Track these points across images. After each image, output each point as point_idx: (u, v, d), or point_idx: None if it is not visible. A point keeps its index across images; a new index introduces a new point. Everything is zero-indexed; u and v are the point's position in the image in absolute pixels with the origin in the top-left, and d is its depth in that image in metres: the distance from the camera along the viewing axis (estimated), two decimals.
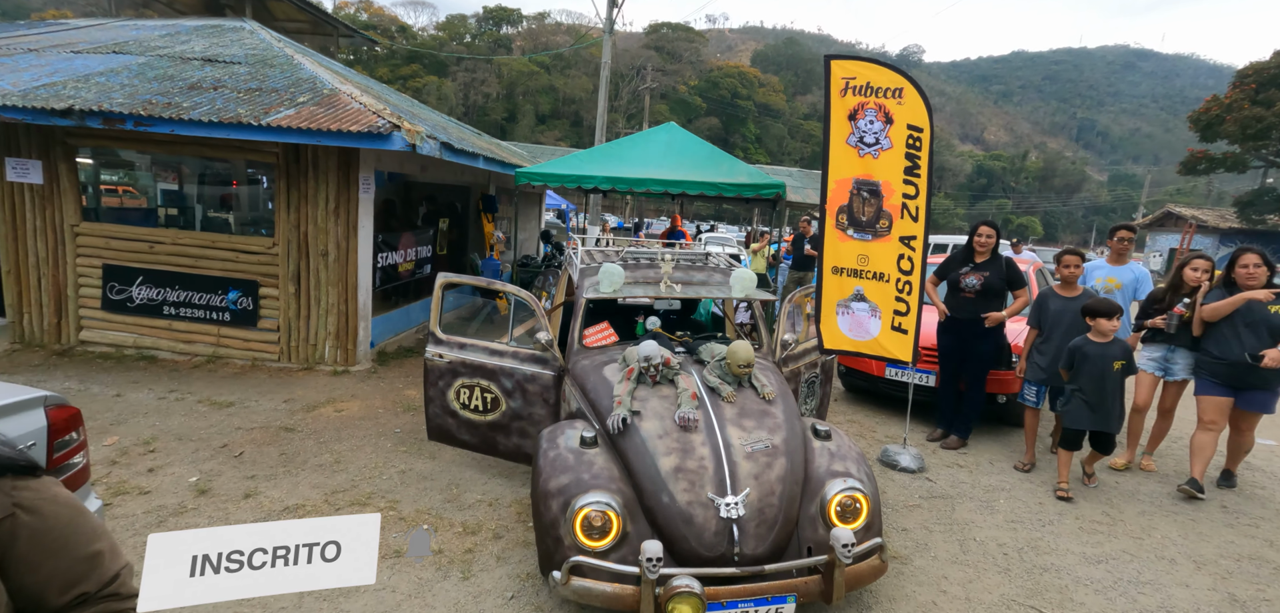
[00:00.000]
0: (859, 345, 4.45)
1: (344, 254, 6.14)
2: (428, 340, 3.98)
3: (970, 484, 4.32)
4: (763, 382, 3.22)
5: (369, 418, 5.10)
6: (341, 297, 6.25)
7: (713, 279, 4.02)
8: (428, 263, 8.08)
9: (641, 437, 2.87)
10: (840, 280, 4.43)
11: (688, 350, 3.57)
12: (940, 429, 5.15)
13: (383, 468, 4.20)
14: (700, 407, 3.00)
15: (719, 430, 2.89)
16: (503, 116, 58.83)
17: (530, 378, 3.77)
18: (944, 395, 5.08)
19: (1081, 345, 4.09)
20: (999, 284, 4.73)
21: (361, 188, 6.02)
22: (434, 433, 4.08)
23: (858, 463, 2.99)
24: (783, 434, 2.94)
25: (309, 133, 5.24)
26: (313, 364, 6.37)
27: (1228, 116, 21.48)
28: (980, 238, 4.83)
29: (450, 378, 3.93)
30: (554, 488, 2.76)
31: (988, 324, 4.67)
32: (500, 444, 3.94)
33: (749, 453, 2.81)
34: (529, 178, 7.22)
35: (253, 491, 3.79)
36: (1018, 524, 3.77)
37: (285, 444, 4.49)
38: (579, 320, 3.78)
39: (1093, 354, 4.04)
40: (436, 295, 3.97)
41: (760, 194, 7.00)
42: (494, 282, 3.92)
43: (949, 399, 5.04)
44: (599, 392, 3.23)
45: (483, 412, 3.91)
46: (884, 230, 4.32)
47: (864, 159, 4.22)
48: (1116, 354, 4.02)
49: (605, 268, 3.65)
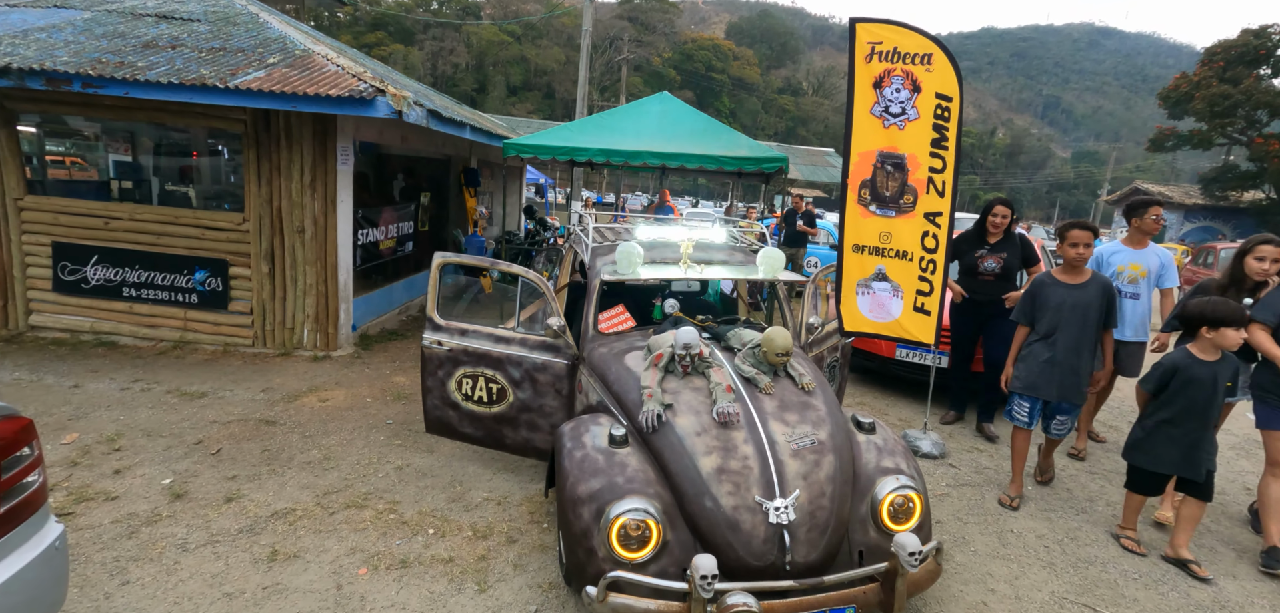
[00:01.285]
0: (880, 327, 4.26)
1: (322, 231, 5.71)
2: (425, 326, 3.66)
3: (994, 471, 4.19)
4: (800, 371, 2.99)
5: (357, 408, 4.75)
6: (320, 277, 5.82)
7: (735, 259, 3.76)
8: (409, 240, 7.65)
9: (678, 434, 2.61)
10: (861, 259, 4.21)
11: (714, 336, 3.32)
12: (953, 412, 5.01)
13: (377, 464, 3.88)
14: (737, 400, 2.76)
15: (761, 426, 2.65)
16: (473, 87, 57.24)
17: (541, 367, 3.48)
18: (957, 378, 4.94)
19: (1184, 364, 3.09)
20: (1017, 265, 4.60)
21: (340, 159, 5.58)
22: (433, 426, 3.78)
23: (907, 458, 2.80)
24: (828, 428, 2.72)
25: (284, 97, 4.78)
26: (290, 349, 5.95)
27: (1196, 94, 21.92)
28: (995, 218, 4.61)
29: (451, 367, 3.62)
30: (584, 494, 2.50)
31: (1009, 305, 4.44)
32: (507, 438, 3.65)
33: (795, 450, 2.58)
34: (518, 150, 6.84)
35: (235, 493, 3.44)
36: (1052, 514, 3.64)
37: (267, 439, 4.13)
38: (594, 304, 3.49)
39: (1201, 377, 3.04)
40: (433, 277, 3.64)
41: (763, 168, 6.75)
42: (497, 262, 3.60)
43: (962, 382, 4.92)
44: (624, 383, 2.96)
45: (487, 403, 3.61)
46: (908, 206, 4.10)
47: (889, 130, 3.99)
48: (1227, 374, 3.09)
49: (623, 247, 3.36)
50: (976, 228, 4.72)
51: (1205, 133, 22.60)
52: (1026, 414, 3.70)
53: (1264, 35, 21.10)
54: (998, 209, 4.63)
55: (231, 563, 2.86)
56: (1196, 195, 24.69)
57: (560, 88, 62.57)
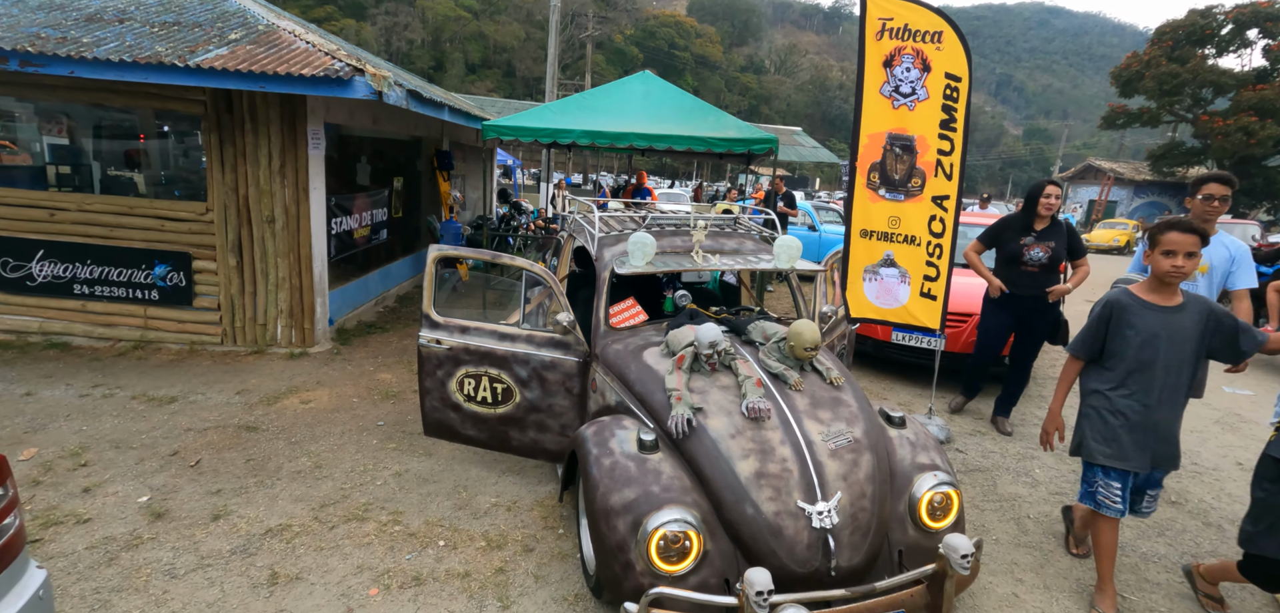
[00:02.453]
0: (887, 313, 4.21)
1: (294, 220, 5.36)
2: (421, 324, 3.44)
3: (1000, 454, 4.22)
4: (826, 365, 2.90)
5: (343, 409, 4.49)
6: (293, 269, 5.49)
7: (746, 247, 3.64)
8: (383, 228, 7.30)
9: (712, 437, 2.49)
10: (869, 244, 4.14)
11: (735, 330, 3.20)
12: (962, 398, 4.87)
13: (374, 471, 3.66)
14: (767, 396, 2.65)
15: (796, 425, 2.55)
16: (429, 65, 55.49)
17: (549, 365, 3.31)
18: (977, 369, 4.70)
19: None
20: (1063, 254, 4.16)
21: (310, 143, 5.23)
22: (432, 428, 3.58)
23: (940, 453, 2.74)
24: (862, 425, 2.64)
25: (251, 77, 4.42)
26: (263, 347, 5.61)
27: (1146, 72, 22.70)
28: (1048, 199, 4.12)
29: (451, 367, 3.42)
30: (618, 504, 2.36)
31: (1052, 299, 4.23)
32: (514, 440, 3.48)
33: (833, 450, 2.50)
34: (499, 132, 6.56)
35: (222, 509, 3.19)
36: (1065, 497, 3.67)
37: (250, 447, 3.86)
38: (604, 298, 3.33)
39: None
40: (429, 271, 3.42)
41: (752, 149, 6.63)
42: (500, 254, 3.40)
43: (981, 373, 4.70)
44: (646, 383, 2.82)
45: (492, 404, 3.43)
46: (916, 190, 4.04)
47: (898, 111, 3.90)
48: None
49: (635, 238, 3.20)
50: (1024, 212, 4.25)
51: (1154, 111, 23.48)
52: (1120, 498, 2.62)
53: (1209, 16, 21.94)
54: (1050, 189, 4.14)
55: (228, 590, 2.63)
56: (1145, 172, 25.70)
57: (521, 65, 61.21)
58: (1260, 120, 20.25)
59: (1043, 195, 4.17)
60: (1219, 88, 22.14)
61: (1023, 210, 4.30)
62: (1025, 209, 4.29)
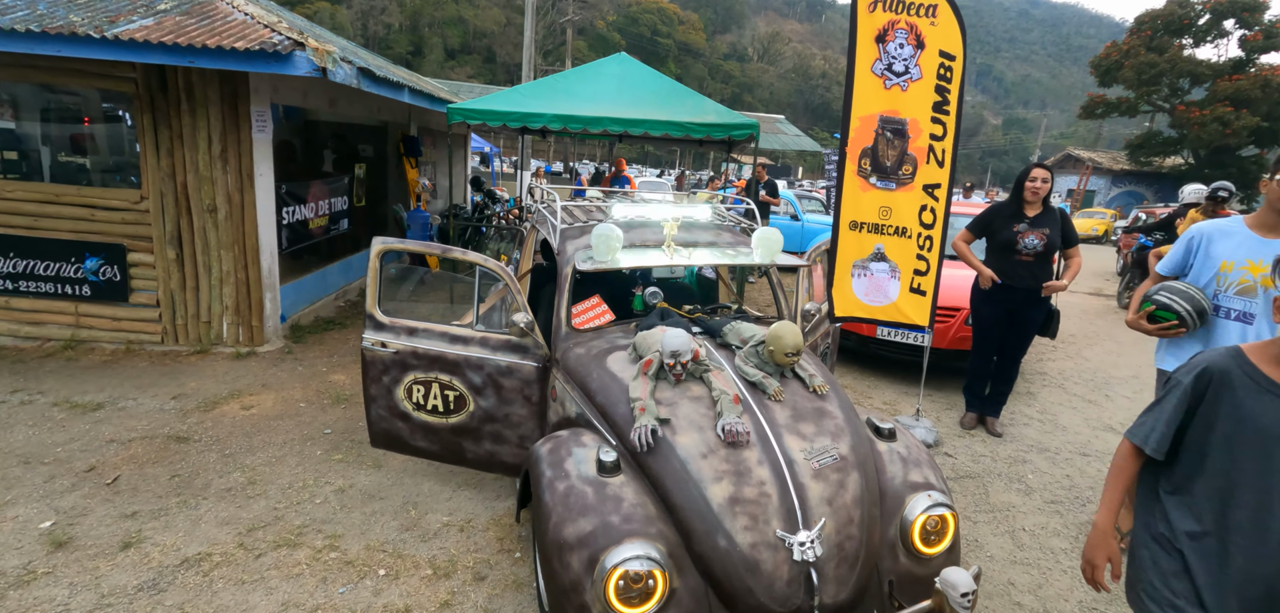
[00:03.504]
0: (875, 311, 3.94)
1: (238, 209, 4.96)
2: (365, 324, 3.10)
3: (990, 457, 3.99)
4: (809, 370, 2.62)
5: (288, 415, 4.13)
6: (239, 262, 5.09)
7: (723, 240, 3.34)
8: (344, 217, 6.89)
9: (680, 457, 2.20)
10: (859, 237, 3.87)
11: (708, 332, 2.91)
12: (973, 413, 4.43)
13: (314, 487, 3.32)
14: (744, 412, 2.36)
15: (776, 442, 2.26)
16: (407, 50, 54.40)
17: (505, 371, 2.99)
18: (978, 373, 4.37)
19: None
20: (1058, 243, 3.93)
21: (255, 126, 4.82)
22: (379, 439, 3.25)
23: (934, 468, 2.48)
24: (848, 439, 2.36)
25: (179, 51, 4.02)
26: (208, 346, 5.21)
27: (1126, 62, 22.76)
28: (1033, 183, 3.88)
29: (398, 372, 3.09)
30: (573, 537, 2.06)
31: (1046, 294, 3.98)
32: (468, 452, 3.16)
33: (816, 470, 2.21)
34: (464, 116, 6.18)
35: (134, 536, 2.84)
36: (1060, 506, 3.44)
37: (178, 461, 3.49)
38: (566, 296, 3.02)
39: None
40: (373, 267, 3.08)
41: (732, 135, 6.33)
42: (449, 248, 3.06)
43: (983, 377, 4.37)
44: (608, 392, 2.51)
45: (443, 413, 3.11)
46: (907, 178, 3.77)
47: (891, 91, 3.62)
48: None
49: (600, 230, 2.88)
50: (1013, 199, 4.01)
51: (1132, 101, 23.58)
52: None
53: (1187, 6, 22.02)
54: (1037, 172, 3.91)
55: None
56: (1123, 161, 25.86)
57: (501, 51, 60.33)
58: (1236, 111, 20.40)
59: (1028, 180, 3.92)
60: (1196, 78, 22.28)
61: (1012, 197, 4.04)
62: (1014, 195, 4.03)
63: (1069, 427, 4.54)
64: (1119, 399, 5.15)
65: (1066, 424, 4.58)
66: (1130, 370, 5.92)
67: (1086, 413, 4.82)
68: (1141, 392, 5.34)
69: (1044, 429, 4.48)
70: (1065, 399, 5.09)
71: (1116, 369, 5.95)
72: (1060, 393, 5.22)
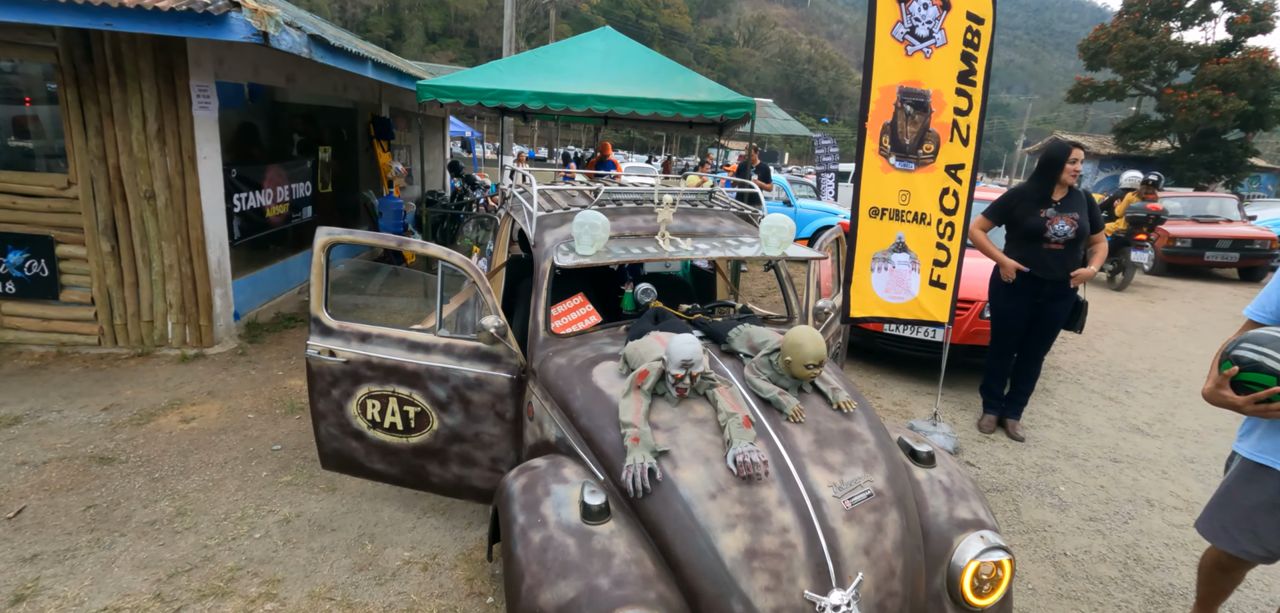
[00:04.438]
0: (896, 309, 3.55)
1: (179, 195, 4.44)
2: (310, 329, 2.66)
3: (1016, 466, 3.63)
4: (833, 383, 2.22)
5: (234, 428, 3.67)
6: (183, 254, 4.58)
7: (724, 228, 2.92)
8: (307, 204, 6.37)
9: (683, 499, 1.79)
10: (880, 226, 3.46)
11: (711, 336, 2.49)
12: (991, 415, 4.07)
13: (254, 517, 2.88)
14: (759, 437, 1.95)
15: (799, 477, 1.86)
16: (387, 33, 53.11)
17: (474, 383, 2.56)
18: (997, 373, 4.00)
19: None
20: (1088, 228, 3.59)
21: (197, 102, 4.30)
22: (330, 461, 2.82)
23: (982, 500, 2.10)
24: (883, 469, 1.97)
25: (92, 11, 3.49)
26: (150, 348, 4.71)
27: (1114, 45, 22.58)
28: (1074, 165, 3.47)
29: (350, 385, 2.65)
30: (551, 605, 1.64)
31: (1075, 283, 3.62)
32: (433, 476, 2.73)
33: (849, 510, 1.82)
34: (435, 93, 5.68)
35: (30, 587, 2.38)
36: (1100, 525, 3.09)
37: (98, 488, 3.02)
38: (544, 296, 2.59)
39: None
40: (317, 262, 2.63)
41: (726, 115, 5.89)
42: (407, 240, 2.61)
43: (1002, 376, 4.01)
44: (594, 413, 2.09)
45: (403, 432, 2.67)
46: (928, 158, 3.38)
47: (913, 59, 3.21)
48: None
49: (582, 219, 2.45)
50: (1039, 180, 3.59)
51: (1120, 84, 23.40)
52: None
53: None
54: (1076, 153, 3.49)
55: None
56: (1110, 145, 25.77)
57: (484, 35, 59.26)
58: (1223, 94, 20.29)
59: (1069, 160, 3.49)
60: (1184, 61, 22.14)
61: (1038, 179, 3.62)
62: (1041, 177, 3.60)
63: (1093, 428, 4.21)
64: (1140, 395, 4.83)
65: (1090, 425, 4.25)
66: (1145, 364, 5.61)
67: (1109, 413, 4.49)
68: (1161, 387, 5.04)
69: (1067, 431, 4.14)
70: (1084, 396, 4.76)
71: (1131, 362, 5.64)
72: (1078, 389, 4.90)
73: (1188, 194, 12.10)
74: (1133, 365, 5.55)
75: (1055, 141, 3.60)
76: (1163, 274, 10.55)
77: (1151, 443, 4.03)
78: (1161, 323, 7.13)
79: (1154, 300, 8.37)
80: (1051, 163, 3.55)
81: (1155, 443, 4.03)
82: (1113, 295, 8.95)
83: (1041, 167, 3.61)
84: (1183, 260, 10.34)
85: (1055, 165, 3.52)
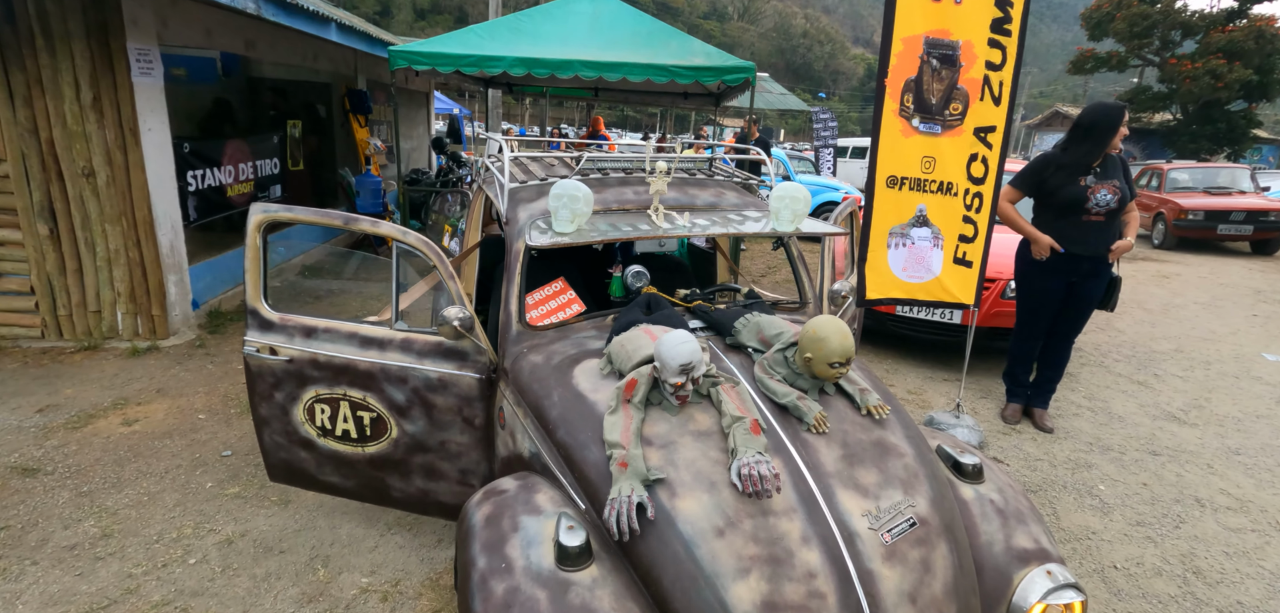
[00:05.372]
0: (916, 290, 3.19)
1: (121, 172, 4.02)
2: (247, 322, 2.28)
3: (1047, 462, 3.30)
4: (860, 384, 1.85)
5: (181, 431, 3.29)
6: (129, 237, 4.17)
7: (726, 200, 2.54)
8: (276, 182, 5.94)
9: (682, 537, 1.43)
10: (898, 197, 3.08)
11: (715, 328, 2.13)
12: (1016, 404, 3.74)
13: (192, 538, 2.51)
14: (771, 448, 1.60)
15: (826, 503, 1.50)
16: (375, 10, 51.90)
17: (436, 385, 2.19)
18: (1023, 358, 3.66)
19: None
20: (1129, 197, 3.24)
21: (136, 68, 3.86)
22: (278, 472, 2.46)
23: (1042, 524, 1.75)
24: (926, 489, 1.61)
25: None
26: (99, 341, 4.32)
27: (1118, 13, 22.08)
28: (1124, 131, 3.16)
29: (295, 386, 2.27)
30: None
31: (1113, 258, 3.28)
32: (394, 490, 2.37)
33: (888, 545, 1.47)
34: (408, 59, 5.24)
35: None
36: (1149, 530, 2.76)
37: (15, 505, 2.65)
38: (517, 281, 2.21)
39: None
40: (251, 245, 2.24)
41: (725, 81, 5.47)
42: (355, 218, 2.22)
43: (1029, 361, 3.67)
44: (574, 424, 1.73)
45: (358, 440, 2.31)
46: (955, 119, 2.99)
47: (940, 5, 2.82)
48: None
49: (560, 190, 2.06)
50: (1080, 147, 3.19)
51: (1122, 55, 22.94)
52: None
53: None
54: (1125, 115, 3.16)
55: None
56: None
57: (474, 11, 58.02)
58: (1228, 63, 19.86)
59: (1124, 123, 3.15)
60: (1187, 29, 21.68)
61: (1078, 145, 3.22)
62: (1084, 143, 3.21)
63: (1125, 416, 3.88)
64: (1170, 379, 4.50)
65: (1121, 413, 3.92)
66: (1170, 344, 5.28)
67: (1140, 398, 4.16)
68: (1191, 369, 4.71)
69: (1097, 421, 3.81)
70: (1111, 381, 4.43)
71: (1155, 342, 5.31)
72: (1103, 373, 4.56)
73: (1197, 165, 11.73)
74: (1157, 346, 5.22)
75: (1102, 105, 3.22)
76: (1174, 249, 10.23)
77: (1191, 433, 3.70)
78: (1181, 299, 6.80)
79: (1168, 276, 8.04)
80: (1102, 128, 3.15)
81: (1195, 433, 3.70)
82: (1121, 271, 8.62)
83: (1086, 131, 3.21)
84: (1194, 234, 10.01)
85: (1106, 131, 3.14)
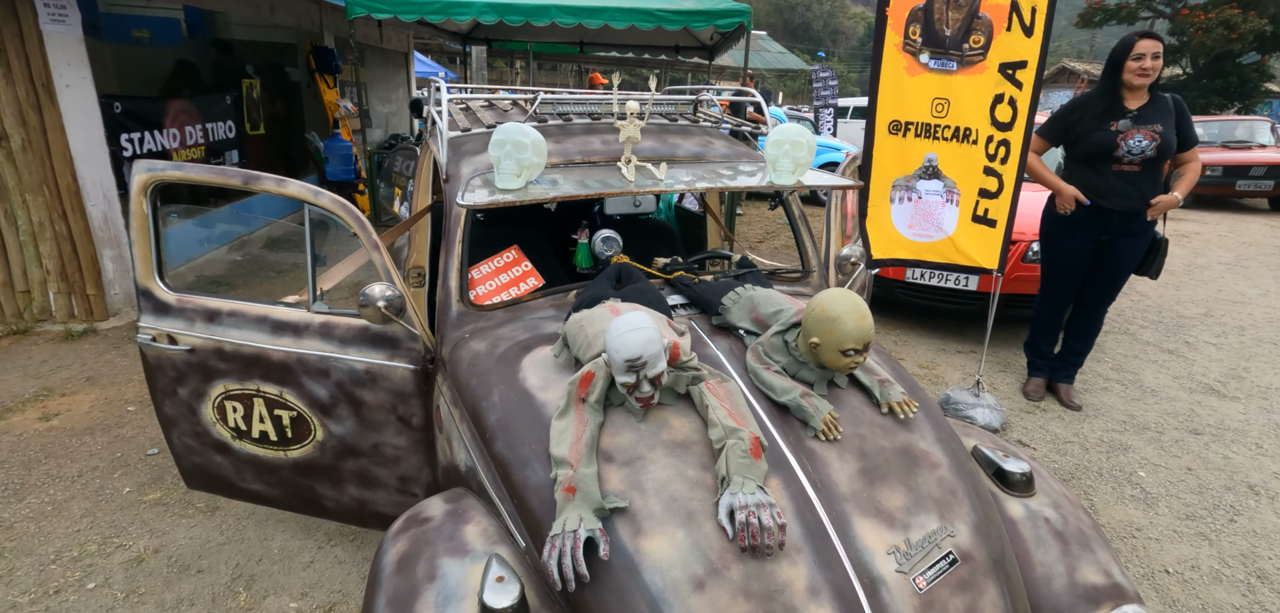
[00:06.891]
0: (924, 250, 2.81)
1: (38, 136, 3.59)
2: (139, 304, 1.89)
3: (1077, 444, 2.95)
4: (879, 374, 1.48)
5: (105, 426, 2.93)
6: (54, 209, 3.75)
7: (714, 149, 2.13)
8: (233, 147, 5.50)
9: (649, 592, 1.07)
10: (901, 145, 2.67)
11: (700, 305, 1.74)
12: (1038, 378, 3.38)
13: (97, 555, 2.16)
14: (772, 471, 1.23)
15: (839, 538, 1.14)
16: None
17: (364, 378, 1.81)
18: (1048, 328, 3.30)
19: None
20: (1173, 143, 2.77)
21: (45, 14, 3.41)
22: (194, 479, 2.11)
23: (1109, 549, 1.39)
24: (967, 511, 1.25)
25: None
26: (29, 324, 3.93)
27: None
28: (1141, 62, 2.68)
29: (201, 381, 1.90)
30: None
31: (1154, 215, 2.85)
32: (326, 500, 2.02)
33: (923, 593, 1.10)
34: (367, 8, 4.76)
35: None
36: (1201, 524, 2.41)
37: None
38: (457, 250, 1.81)
39: None
40: (137, 211, 1.86)
41: (716, 26, 5.01)
42: (257, 175, 1.81)
43: (1053, 332, 3.31)
44: (513, 431, 1.35)
45: (278, 444, 1.94)
46: (976, 54, 2.57)
47: None
48: None
49: (502, 135, 1.65)
50: (1108, 85, 2.81)
51: (1132, 7, 22.18)
52: None
53: None
54: (1143, 45, 2.68)
55: None
56: None
57: None
58: (1243, 12, 19.16)
59: (1132, 57, 2.69)
60: None
61: (1105, 84, 2.83)
62: (1104, 80, 2.83)
63: (1159, 389, 3.52)
64: (1202, 347, 4.14)
65: (1154, 386, 3.56)
66: (1199, 308, 4.92)
67: (1173, 369, 3.80)
68: (1224, 336, 4.35)
69: (1129, 396, 3.45)
70: (1139, 349, 4.07)
71: (1182, 306, 4.94)
72: (1130, 341, 4.20)
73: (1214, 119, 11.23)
74: (1184, 310, 4.85)
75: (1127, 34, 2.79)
76: (1191, 206, 9.80)
77: (1233, 407, 3.35)
78: (1204, 259, 6.42)
79: (1188, 235, 7.64)
80: (1113, 60, 2.77)
81: (1237, 407, 3.35)
82: None
83: (1106, 68, 2.82)
84: (1212, 191, 9.58)
85: (1113, 63, 2.75)
